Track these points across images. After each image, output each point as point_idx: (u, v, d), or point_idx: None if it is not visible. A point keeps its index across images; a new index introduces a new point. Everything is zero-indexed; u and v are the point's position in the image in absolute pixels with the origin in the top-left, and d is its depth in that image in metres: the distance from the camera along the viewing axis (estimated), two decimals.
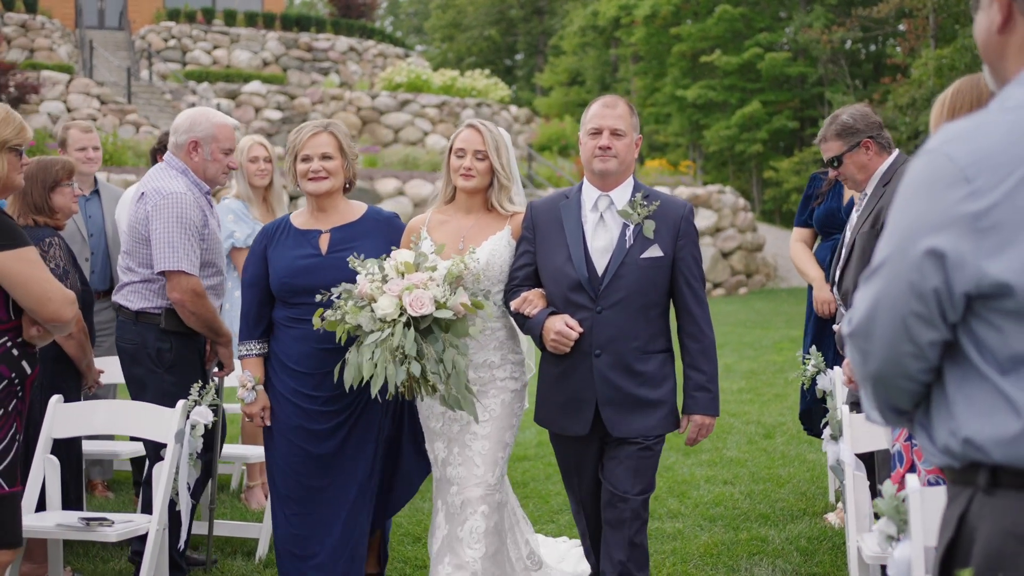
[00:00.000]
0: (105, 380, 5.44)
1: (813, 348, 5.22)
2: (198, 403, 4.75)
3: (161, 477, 4.62)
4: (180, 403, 4.69)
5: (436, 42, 55.41)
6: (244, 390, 4.62)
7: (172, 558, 4.84)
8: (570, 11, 45.65)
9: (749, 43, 35.08)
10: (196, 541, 5.44)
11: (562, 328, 4.11)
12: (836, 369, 4.79)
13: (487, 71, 32.86)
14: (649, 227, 4.16)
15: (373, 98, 27.24)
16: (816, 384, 4.91)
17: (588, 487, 4.37)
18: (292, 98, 27.12)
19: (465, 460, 4.34)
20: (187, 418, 4.69)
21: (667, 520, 6.08)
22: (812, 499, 6.45)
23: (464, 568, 4.24)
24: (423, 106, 27.31)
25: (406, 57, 33.23)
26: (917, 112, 22.72)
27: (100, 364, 5.38)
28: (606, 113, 4.22)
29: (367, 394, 4.29)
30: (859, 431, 4.39)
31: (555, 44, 47.04)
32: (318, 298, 4.26)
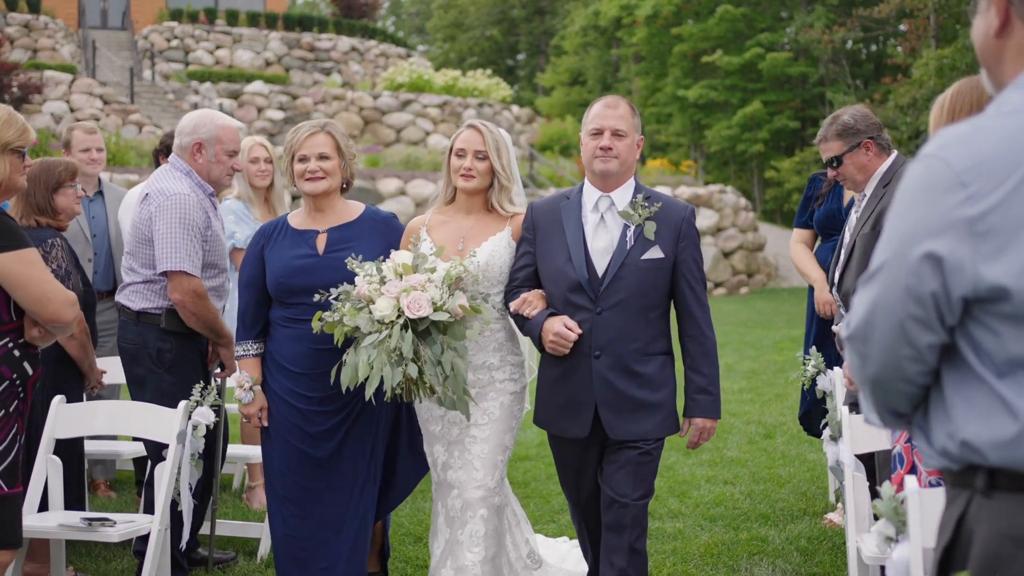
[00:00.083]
0: (107, 380, 5.45)
1: (813, 349, 5.20)
2: (200, 404, 4.74)
3: (163, 477, 4.61)
4: (182, 404, 4.68)
5: (438, 42, 55.41)
6: (241, 391, 4.59)
7: (174, 558, 4.85)
8: (572, 11, 45.61)
9: (750, 43, 35.07)
10: (208, 540, 5.43)
11: (561, 329, 4.08)
12: (836, 370, 4.78)
13: (489, 71, 32.83)
14: (650, 228, 4.12)
15: (375, 98, 27.25)
16: (816, 385, 4.91)
17: (587, 491, 4.33)
18: (294, 98, 27.13)
19: (464, 463, 4.31)
20: (189, 419, 4.69)
21: (667, 520, 6.08)
22: (812, 499, 6.45)
23: (464, 571, 4.23)
24: (425, 106, 27.32)
25: (408, 57, 33.22)
26: (918, 112, 22.69)
27: (103, 364, 5.38)
28: (607, 113, 4.19)
29: (363, 397, 4.24)
30: (859, 432, 4.38)
31: (557, 44, 47.00)
32: (316, 298, 4.24)
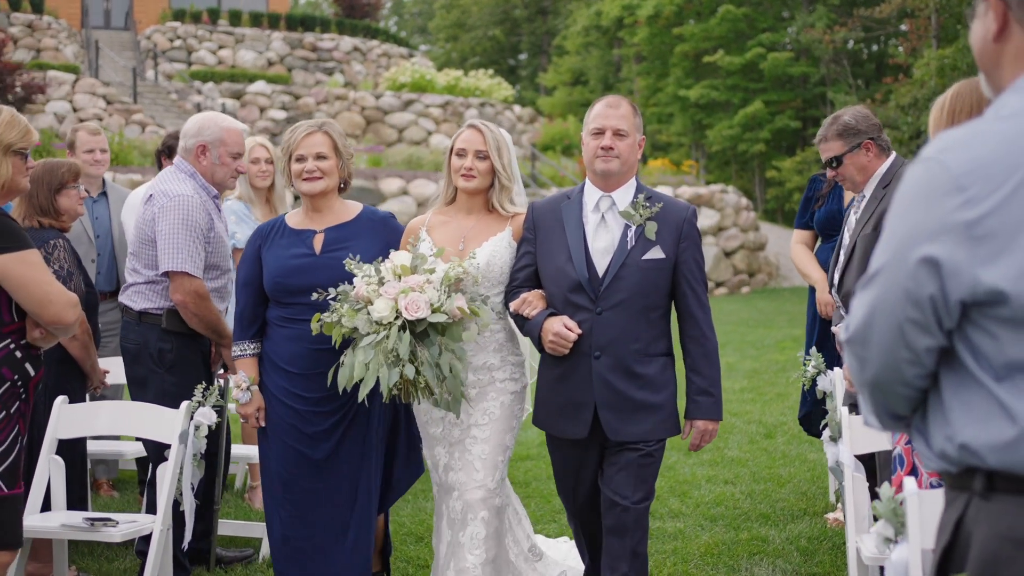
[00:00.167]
0: (110, 380, 5.46)
1: (814, 350, 5.20)
2: (202, 404, 4.75)
3: (165, 478, 4.62)
4: (184, 404, 4.69)
5: (440, 42, 55.37)
6: (238, 391, 4.56)
7: (176, 557, 4.86)
8: (573, 11, 45.58)
9: (752, 43, 35.02)
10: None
11: (560, 329, 4.05)
12: (836, 370, 4.78)
13: (491, 71, 32.81)
14: (651, 228, 4.09)
15: (377, 98, 27.26)
16: (816, 385, 4.91)
17: (583, 495, 4.30)
18: (297, 98, 27.14)
19: (465, 464, 4.30)
20: (191, 419, 4.70)
21: (668, 520, 6.09)
22: (813, 499, 6.46)
23: (464, 573, 4.22)
24: (427, 106, 27.33)
25: (410, 57, 33.21)
26: (919, 112, 22.67)
27: (105, 365, 5.38)
28: (609, 113, 4.17)
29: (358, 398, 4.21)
30: (858, 433, 4.37)
31: (559, 44, 46.96)
32: (314, 297, 4.21)
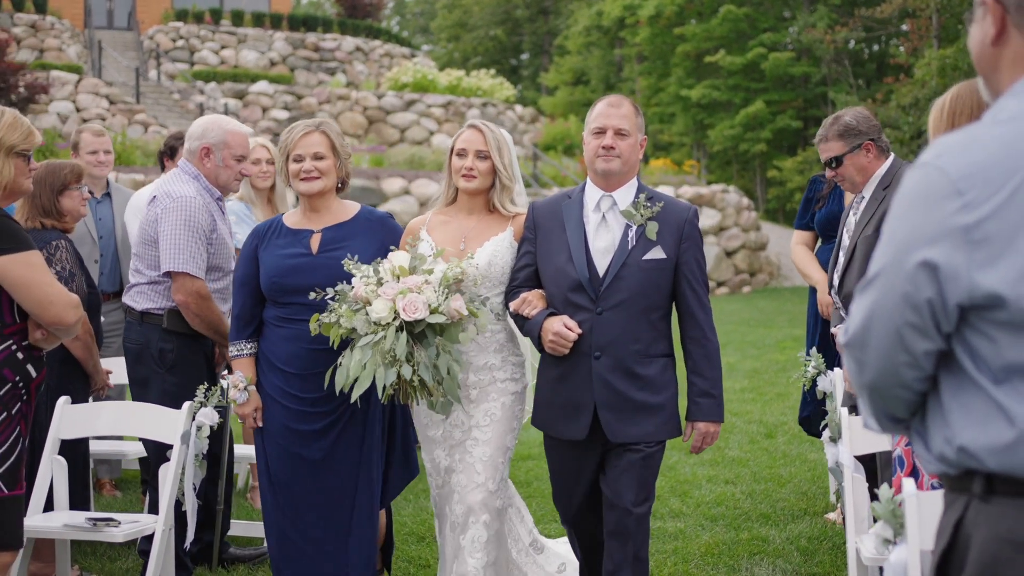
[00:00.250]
0: (113, 381, 5.47)
1: (814, 350, 5.19)
2: (203, 405, 4.75)
3: (167, 478, 4.62)
4: (186, 404, 4.69)
5: (442, 42, 55.35)
6: (236, 391, 4.52)
7: (178, 557, 4.87)
8: (575, 11, 45.55)
9: (753, 43, 35.00)
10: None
11: (560, 329, 4.02)
12: (837, 371, 4.78)
13: (493, 71, 32.80)
14: (652, 228, 4.06)
15: (379, 98, 27.28)
16: (817, 386, 4.91)
17: (580, 499, 4.25)
18: (299, 98, 27.17)
19: (466, 466, 4.27)
20: (193, 419, 4.71)
21: (669, 520, 6.10)
22: (813, 499, 6.47)
23: None
24: (429, 106, 27.35)
25: (412, 57, 33.22)
26: (920, 112, 22.63)
27: (108, 365, 5.40)
28: (610, 112, 4.14)
29: (359, 398, 4.16)
30: (858, 433, 4.35)
31: (560, 44, 46.94)
32: (312, 297, 4.18)
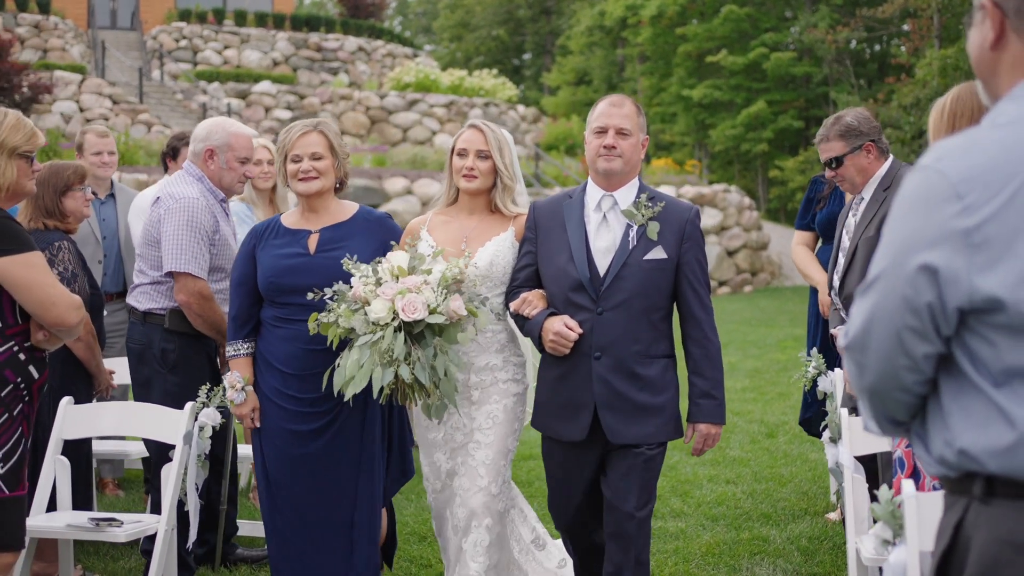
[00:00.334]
0: (116, 381, 5.48)
1: (815, 350, 5.19)
2: (206, 405, 4.76)
3: (169, 478, 4.63)
4: (188, 405, 4.69)
5: (444, 42, 55.36)
6: (233, 391, 4.49)
7: (181, 557, 4.88)
8: (577, 11, 45.57)
9: (755, 43, 35.02)
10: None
11: (561, 328, 3.99)
12: (837, 371, 4.77)
13: (495, 71, 32.85)
14: (653, 228, 4.03)
15: (382, 98, 27.32)
16: (817, 386, 4.91)
17: (576, 505, 4.21)
18: (302, 98, 27.20)
19: (468, 470, 4.24)
20: (195, 420, 4.71)
21: (670, 519, 6.11)
22: (814, 498, 6.48)
23: None
24: (431, 106, 27.38)
25: (415, 57, 33.26)
26: (921, 112, 22.59)
27: (111, 366, 5.42)
28: (612, 112, 4.11)
29: (356, 398, 4.14)
30: (858, 434, 4.34)
31: (562, 44, 46.93)
32: (310, 297, 4.16)
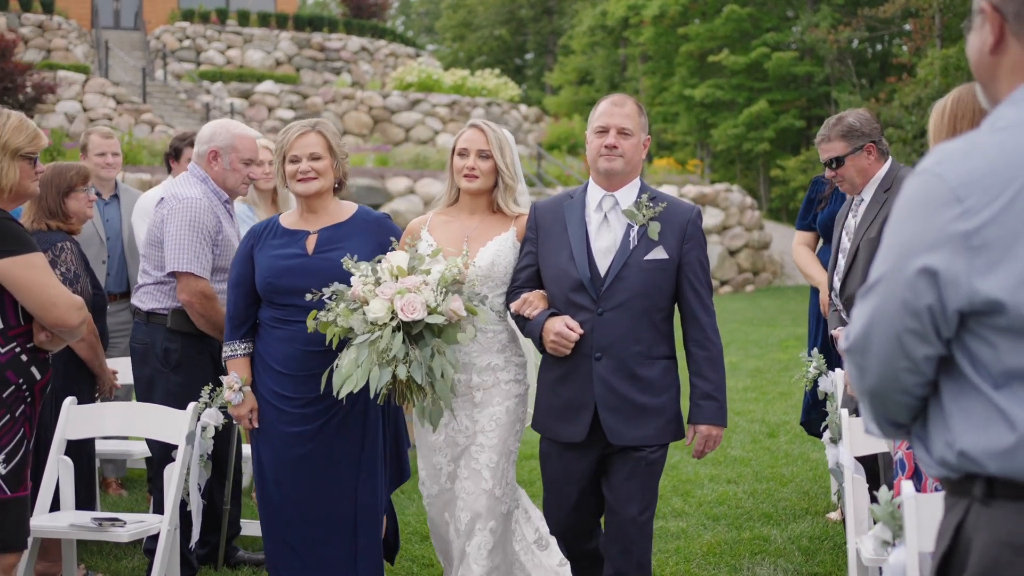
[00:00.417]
0: (120, 381, 5.49)
1: (815, 351, 5.18)
2: (209, 405, 4.76)
3: (172, 478, 4.64)
4: (191, 405, 4.70)
5: (447, 42, 55.34)
6: (231, 392, 4.48)
7: (183, 556, 4.89)
8: (579, 11, 45.56)
9: (756, 43, 34.99)
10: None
11: (562, 329, 3.97)
12: (838, 371, 4.76)
13: (497, 70, 32.88)
14: (654, 229, 4.01)
15: (384, 97, 27.33)
16: (818, 386, 4.92)
17: (576, 501, 4.17)
18: (305, 97, 27.23)
19: (472, 473, 4.21)
20: (198, 420, 4.72)
21: (671, 519, 6.12)
22: (815, 498, 6.48)
23: None
24: (434, 105, 27.39)
25: (417, 57, 33.27)
26: (923, 111, 22.57)
27: (115, 365, 5.42)
28: (614, 111, 4.09)
29: (350, 399, 4.10)
30: (858, 434, 4.33)
31: (564, 44, 46.91)
32: (308, 297, 4.14)
